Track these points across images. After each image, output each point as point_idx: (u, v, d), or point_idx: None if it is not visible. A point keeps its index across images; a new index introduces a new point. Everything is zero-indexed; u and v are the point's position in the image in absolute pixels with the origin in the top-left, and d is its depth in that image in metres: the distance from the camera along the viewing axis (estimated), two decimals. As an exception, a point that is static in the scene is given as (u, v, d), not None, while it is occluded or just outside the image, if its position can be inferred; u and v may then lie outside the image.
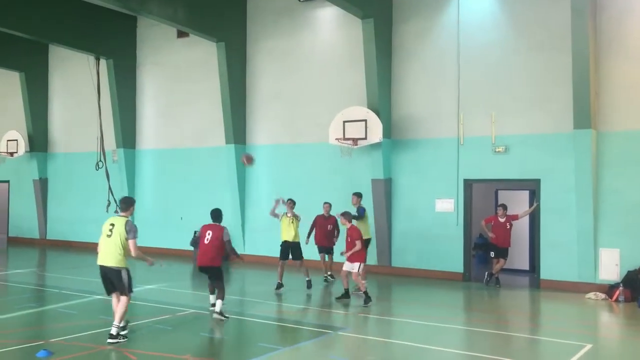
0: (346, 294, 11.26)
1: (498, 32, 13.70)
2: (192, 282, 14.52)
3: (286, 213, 12.63)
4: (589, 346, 8.23)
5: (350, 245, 11.04)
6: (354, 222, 11.83)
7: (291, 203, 12.71)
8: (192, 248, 17.66)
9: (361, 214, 12.84)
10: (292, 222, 12.52)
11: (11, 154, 21.07)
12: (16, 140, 20.96)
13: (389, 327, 9.62)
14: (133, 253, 8.23)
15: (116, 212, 18.32)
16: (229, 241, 9.99)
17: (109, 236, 8.37)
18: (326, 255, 13.61)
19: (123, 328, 8.31)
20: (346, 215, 11.44)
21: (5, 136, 21.30)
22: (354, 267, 11.00)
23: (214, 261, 9.82)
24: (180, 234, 18.19)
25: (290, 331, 9.20)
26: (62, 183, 21.32)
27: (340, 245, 12.77)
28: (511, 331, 9.46)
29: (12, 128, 21.44)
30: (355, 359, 7.71)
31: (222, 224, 10.17)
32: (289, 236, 12.51)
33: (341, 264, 11.66)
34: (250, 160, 12.85)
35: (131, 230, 8.28)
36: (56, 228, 21.52)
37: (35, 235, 21.88)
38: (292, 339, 8.69)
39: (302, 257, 12.47)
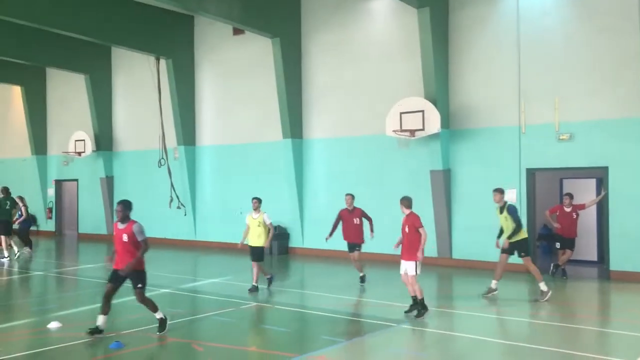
0: (415, 304, 9.36)
1: (560, 16, 13.25)
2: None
3: (251, 214, 11.71)
4: (664, 340, 7.90)
5: (409, 237, 9.23)
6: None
7: (256, 202, 11.70)
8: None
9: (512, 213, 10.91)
10: (259, 225, 11.53)
11: (79, 153, 21.94)
12: (83, 140, 21.81)
13: (451, 320, 9.50)
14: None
15: (178, 207, 18.97)
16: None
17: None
18: (356, 253, 12.28)
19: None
20: (404, 200, 9.52)
21: (73, 136, 22.20)
22: (410, 268, 9.23)
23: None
24: (240, 228, 18.38)
25: (353, 324, 9.23)
26: (127, 180, 22.05)
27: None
28: (579, 324, 9.17)
29: (79, 129, 22.32)
30: (419, 352, 7.66)
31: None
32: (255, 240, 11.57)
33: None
34: None
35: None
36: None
37: (104, 231, 22.73)
38: (355, 332, 8.71)
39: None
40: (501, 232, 11.12)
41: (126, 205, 8.49)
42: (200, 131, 19.82)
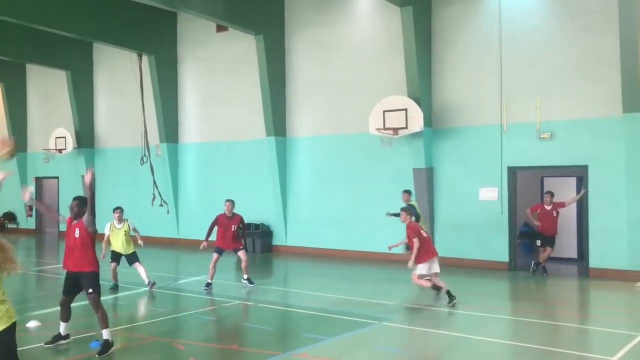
0: (448, 295, 10.01)
1: (542, 16, 13.36)
2: (236, 273, 14.70)
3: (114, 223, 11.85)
4: (641, 336, 8.02)
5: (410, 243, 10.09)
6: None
7: (119, 212, 11.89)
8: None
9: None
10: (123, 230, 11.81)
11: (60, 150, 21.70)
12: (64, 137, 21.57)
13: (433, 318, 9.56)
14: None
15: (161, 205, 18.85)
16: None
17: None
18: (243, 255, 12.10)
19: None
20: (406, 210, 10.38)
21: (53, 133, 21.95)
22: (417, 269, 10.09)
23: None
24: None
25: (335, 322, 9.23)
26: (108, 178, 21.85)
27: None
28: (559, 321, 9.27)
29: (60, 125, 22.08)
30: (401, 350, 7.70)
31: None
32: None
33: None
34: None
35: None
36: (104, 222, 21.95)
37: (85, 229, 22.48)
38: (337, 330, 8.71)
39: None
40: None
41: (82, 202, 8.16)
42: (183, 128, 19.71)
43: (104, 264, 9.92)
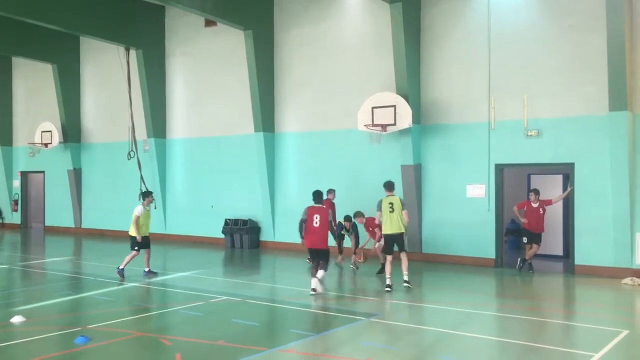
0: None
1: (530, 14, 13.42)
2: (224, 269, 14.68)
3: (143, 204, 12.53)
4: (625, 332, 8.09)
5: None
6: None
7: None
8: (223, 235, 17.87)
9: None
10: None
11: (46, 144, 21.51)
12: (50, 131, 21.38)
13: (420, 314, 9.59)
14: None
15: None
16: (331, 221, 10.77)
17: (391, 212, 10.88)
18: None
19: None
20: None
21: (39, 127, 21.74)
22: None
23: (325, 242, 10.58)
24: (211, 222, 18.39)
25: (322, 318, 9.24)
26: (95, 173, 21.71)
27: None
28: (545, 317, 9.34)
29: (46, 119, 21.88)
30: (388, 345, 7.72)
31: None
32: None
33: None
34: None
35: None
36: (90, 217, 21.96)
37: (71, 224, 22.36)
38: (324, 326, 8.72)
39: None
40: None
41: None
42: (171, 123, 19.60)
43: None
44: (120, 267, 12.37)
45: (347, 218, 13.35)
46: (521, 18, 13.51)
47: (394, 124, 13.98)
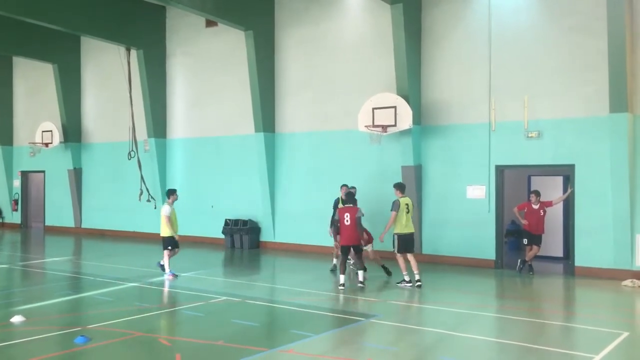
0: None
1: (531, 15, 13.42)
2: (224, 269, 14.68)
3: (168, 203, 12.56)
4: (625, 334, 8.09)
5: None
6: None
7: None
8: (223, 236, 17.89)
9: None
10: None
11: (46, 144, 21.51)
12: (51, 131, 21.38)
13: (420, 315, 9.59)
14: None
15: (148, 200, 18.75)
16: (359, 218, 11.29)
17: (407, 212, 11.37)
18: None
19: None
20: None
21: (40, 127, 21.74)
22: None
23: (358, 239, 11.33)
24: (211, 222, 18.39)
25: (323, 318, 9.24)
26: (95, 173, 21.71)
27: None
28: (545, 319, 9.34)
29: (47, 119, 21.89)
30: (388, 346, 7.71)
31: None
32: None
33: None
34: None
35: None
36: (91, 217, 21.95)
37: (71, 224, 22.36)
38: (325, 326, 8.72)
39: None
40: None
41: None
42: (172, 124, 19.60)
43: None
44: (166, 271, 12.39)
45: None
46: (522, 19, 13.51)
47: (395, 125, 13.97)
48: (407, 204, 11.54)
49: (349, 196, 11.83)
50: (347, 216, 11.24)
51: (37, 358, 6.92)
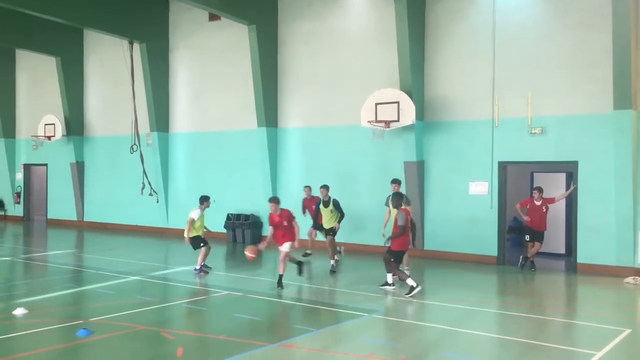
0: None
1: (535, 11, 13.37)
2: (226, 263, 14.69)
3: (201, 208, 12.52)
4: (627, 331, 8.08)
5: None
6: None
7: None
8: (225, 230, 17.92)
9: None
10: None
11: (49, 137, 21.51)
12: (53, 124, 21.38)
13: (422, 310, 9.59)
14: None
15: (150, 194, 18.75)
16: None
17: None
18: None
19: None
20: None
21: (42, 120, 21.74)
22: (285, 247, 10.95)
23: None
24: (213, 217, 18.32)
25: (325, 313, 9.24)
26: (98, 166, 21.72)
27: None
28: (547, 315, 9.34)
29: (49, 112, 21.87)
30: (389, 342, 7.72)
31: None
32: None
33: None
34: (253, 253, 11.08)
35: None
36: (93, 210, 21.96)
37: (73, 217, 22.38)
38: (326, 321, 8.73)
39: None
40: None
41: None
42: (175, 118, 19.59)
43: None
44: (196, 267, 12.22)
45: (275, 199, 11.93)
46: (526, 15, 13.46)
47: (398, 121, 13.95)
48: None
49: (400, 197, 10.74)
50: (400, 218, 10.29)
51: (39, 351, 6.93)
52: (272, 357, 7.00)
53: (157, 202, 19.33)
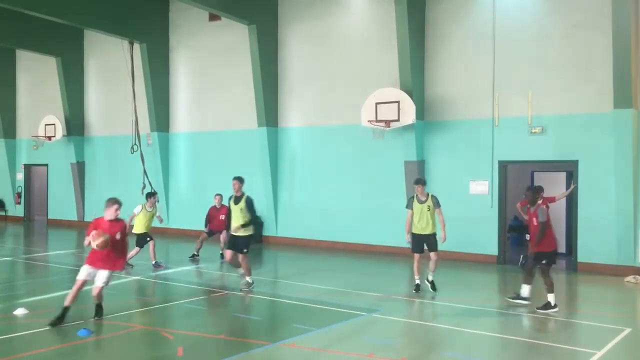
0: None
1: (535, 10, 13.36)
2: (226, 263, 14.67)
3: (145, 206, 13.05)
4: (628, 330, 8.08)
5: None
6: None
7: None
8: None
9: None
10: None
11: (49, 137, 21.52)
12: (54, 124, 21.38)
13: (422, 310, 9.59)
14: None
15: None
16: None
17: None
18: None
19: None
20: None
21: (43, 120, 21.75)
22: None
23: None
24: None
25: (324, 313, 9.24)
26: (98, 166, 21.73)
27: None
28: (547, 315, 9.31)
29: (50, 112, 21.87)
30: (390, 341, 7.71)
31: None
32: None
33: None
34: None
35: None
36: (93, 210, 21.94)
37: (74, 217, 22.39)
38: (326, 321, 8.72)
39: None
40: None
41: None
42: (175, 118, 19.59)
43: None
44: (153, 261, 12.77)
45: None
46: (526, 14, 13.45)
47: (398, 120, 13.95)
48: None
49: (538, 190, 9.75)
50: (542, 214, 9.44)
51: (39, 351, 6.94)
52: (274, 356, 7.00)
53: (158, 202, 19.28)
